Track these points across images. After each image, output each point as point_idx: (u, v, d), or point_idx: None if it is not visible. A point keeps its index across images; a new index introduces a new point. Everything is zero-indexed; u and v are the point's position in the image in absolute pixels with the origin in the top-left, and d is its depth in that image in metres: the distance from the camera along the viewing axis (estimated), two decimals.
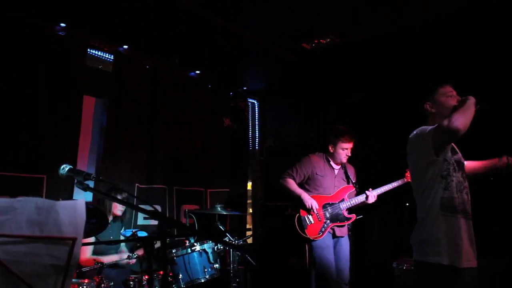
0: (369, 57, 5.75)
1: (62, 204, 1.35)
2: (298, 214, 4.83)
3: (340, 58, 5.85)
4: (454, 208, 2.85)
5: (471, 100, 2.88)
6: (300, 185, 4.97)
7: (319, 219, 4.79)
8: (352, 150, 4.93)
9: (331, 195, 4.91)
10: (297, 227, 4.79)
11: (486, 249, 3.88)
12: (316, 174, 4.95)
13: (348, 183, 5.03)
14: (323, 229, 4.77)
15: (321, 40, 5.47)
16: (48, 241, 1.33)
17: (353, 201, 4.88)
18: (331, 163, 5.02)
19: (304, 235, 4.77)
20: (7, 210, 1.26)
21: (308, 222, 4.78)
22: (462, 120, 2.73)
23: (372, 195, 4.84)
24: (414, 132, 3.03)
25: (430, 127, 2.92)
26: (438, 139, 2.84)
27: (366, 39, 5.34)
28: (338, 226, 4.85)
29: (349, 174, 5.05)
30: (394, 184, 4.90)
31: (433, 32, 5.06)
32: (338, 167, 5.06)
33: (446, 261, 2.76)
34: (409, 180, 4.57)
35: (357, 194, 4.96)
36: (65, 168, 2.10)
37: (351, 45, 5.50)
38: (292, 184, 4.94)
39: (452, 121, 2.72)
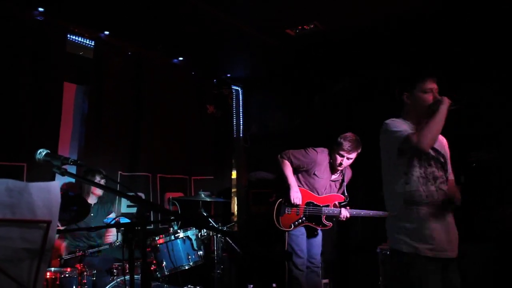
0: (354, 44, 5.72)
1: (35, 186, 1.31)
2: (280, 200, 4.81)
3: (324, 46, 5.82)
4: (417, 201, 2.86)
5: (444, 106, 2.82)
6: (295, 170, 4.89)
7: (297, 213, 4.78)
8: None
9: (319, 197, 4.88)
10: (275, 212, 4.78)
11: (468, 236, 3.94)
12: (314, 174, 4.87)
13: (340, 191, 4.98)
14: (296, 223, 4.78)
15: (305, 26, 5.43)
16: (21, 224, 1.29)
17: (331, 211, 4.82)
18: (333, 165, 4.87)
19: (277, 223, 4.77)
20: None
21: (286, 211, 4.77)
22: (429, 140, 2.75)
23: (345, 214, 4.76)
24: (384, 126, 3.02)
25: (399, 129, 2.91)
26: (404, 150, 2.87)
27: (351, 26, 5.31)
28: (311, 227, 4.87)
29: (344, 180, 4.99)
30: (372, 213, 4.77)
31: (421, 20, 5.03)
32: (338, 172, 4.96)
33: (413, 249, 2.78)
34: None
35: (345, 205, 4.89)
36: (41, 152, 2.04)
37: (335, 32, 5.47)
38: (288, 168, 4.84)
39: (421, 141, 2.74)
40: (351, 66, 6.05)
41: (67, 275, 3.65)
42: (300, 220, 4.78)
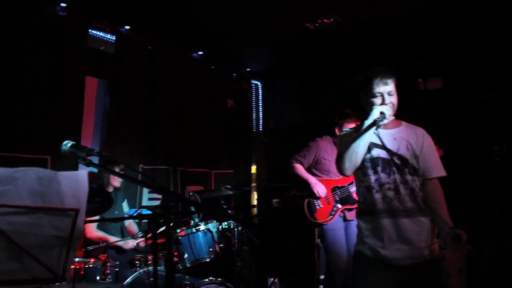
0: (373, 37, 5.68)
1: (63, 174, 1.34)
2: (307, 199, 4.80)
3: (343, 39, 5.78)
4: (362, 210, 2.80)
5: (368, 121, 2.66)
6: (309, 170, 4.91)
7: (329, 202, 4.75)
8: None
9: (339, 179, 4.86)
10: (307, 212, 4.76)
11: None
12: (324, 158, 4.87)
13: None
14: (333, 212, 4.73)
15: (324, 20, 5.40)
16: (51, 212, 1.32)
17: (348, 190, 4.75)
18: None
19: (313, 219, 4.73)
20: (8, 180, 1.25)
21: (317, 206, 4.75)
22: (349, 165, 2.66)
23: None
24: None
25: (340, 148, 2.80)
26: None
27: (370, 19, 5.27)
28: (348, 210, 4.81)
29: None
30: None
31: (441, 11, 4.98)
32: None
33: (369, 253, 2.71)
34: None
35: None
36: (67, 144, 2.08)
37: (355, 25, 5.44)
38: (300, 169, 4.88)
39: (340, 168, 2.72)
40: (370, 60, 5.99)
41: (91, 265, 3.70)
42: (335, 208, 4.74)
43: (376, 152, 2.74)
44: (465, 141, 5.18)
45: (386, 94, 2.67)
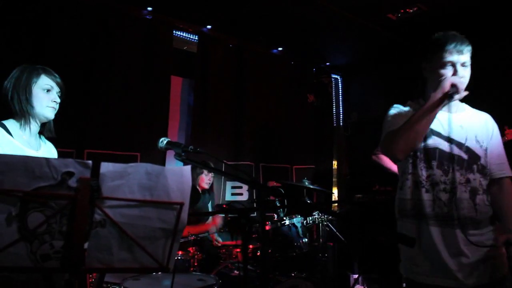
0: (459, 24, 5.40)
1: (170, 170, 1.40)
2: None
3: (428, 28, 5.55)
4: (406, 211, 2.22)
5: (436, 94, 2.07)
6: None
7: None
8: None
9: None
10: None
11: None
12: None
13: None
14: None
15: (407, 10, 5.23)
16: (158, 205, 1.39)
17: None
18: None
19: None
20: (122, 175, 1.33)
21: None
22: (402, 146, 2.08)
23: None
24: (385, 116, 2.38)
25: (391, 125, 2.24)
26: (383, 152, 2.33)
27: (456, 5, 5.03)
28: None
29: None
30: None
31: None
32: None
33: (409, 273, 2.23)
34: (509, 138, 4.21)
35: None
36: (163, 141, 2.17)
37: (439, 12, 5.21)
38: (386, 160, 4.75)
39: (390, 148, 2.12)
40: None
41: (180, 257, 3.84)
42: None
43: (433, 142, 2.18)
44: None
45: (459, 65, 2.14)
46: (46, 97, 2.25)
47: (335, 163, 7.19)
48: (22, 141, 2.19)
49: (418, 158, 2.19)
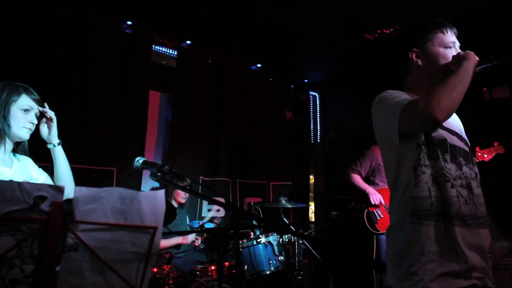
0: None
1: (143, 194, 1.40)
2: (366, 210, 4.75)
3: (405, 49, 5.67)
4: (424, 212, 1.85)
5: (470, 63, 1.88)
6: (366, 179, 4.87)
7: (389, 211, 4.68)
8: None
9: None
10: (367, 223, 4.72)
11: None
12: (380, 165, 4.83)
13: None
14: None
15: (384, 30, 5.35)
16: (131, 229, 1.39)
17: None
18: None
19: (375, 230, 4.68)
20: (95, 199, 1.32)
21: (378, 217, 4.70)
22: (445, 105, 1.74)
23: None
24: (377, 98, 2.04)
25: (398, 97, 1.92)
26: (408, 125, 1.83)
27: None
28: None
29: None
30: None
31: (505, 12, 4.80)
32: None
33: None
34: (480, 159, 4.29)
35: None
36: (139, 160, 2.16)
37: None
38: (357, 179, 4.86)
39: (432, 105, 1.73)
40: None
41: (157, 275, 3.81)
42: None
43: (437, 133, 1.94)
44: None
45: (457, 47, 2.06)
46: (23, 117, 2.22)
47: (312, 178, 7.24)
48: None
49: (430, 149, 1.91)
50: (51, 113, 2.31)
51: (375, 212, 4.70)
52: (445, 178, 1.88)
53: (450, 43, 2.02)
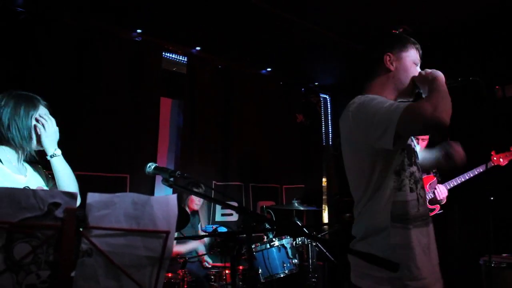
0: (444, 45, 5.52)
1: (155, 199, 1.42)
2: None
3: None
4: (406, 215, 1.94)
5: (440, 81, 1.95)
6: None
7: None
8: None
9: None
10: None
11: None
12: None
13: (428, 173, 4.80)
14: None
15: (393, 31, 5.32)
16: (144, 234, 1.41)
17: (429, 195, 4.54)
18: None
19: None
20: (108, 205, 1.34)
21: None
22: (449, 113, 1.79)
23: (440, 191, 4.44)
24: (356, 103, 2.08)
25: (385, 101, 1.95)
26: (411, 128, 1.87)
27: (441, 27, 5.14)
28: None
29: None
30: (471, 174, 4.35)
31: None
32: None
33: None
34: (496, 163, 4.24)
35: (439, 182, 4.67)
36: (151, 166, 2.18)
37: (425, 34, 5.31)
38: None
39: (440, 110, 1.76)
40: (443, 68, 5.83)
41: (171, 280, 3.83)
42: None
43: None
44: None
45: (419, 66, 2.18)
46: None
47: (324, 181, 7.22)
48: (11, 167, 2.19)
49: (408, 154, 2.02)
50: (39, 126, 2.29)
51: None
52: (416, 181, 2.01)
53: (418, 61, 2.16)
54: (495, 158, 4.30)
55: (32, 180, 2.29)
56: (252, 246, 4.17)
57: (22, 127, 2.20)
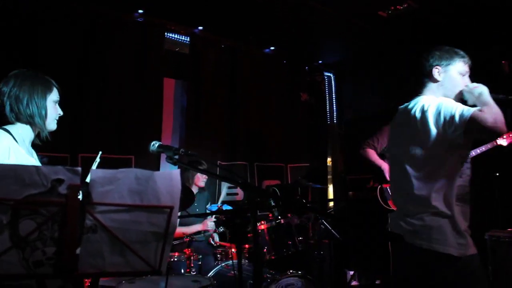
0: (451, 22, 5.44)
1: (159, 174, 1.42)
2: (380, 186, 4.73)
3: (418, 25, 5.59)
4: (463, 196, 2.61)
5: (487, 94, 2.35)
6: (381, 155, 4.83)
7: None
8: None
9: None
10: (380, 199, 4.70)
11: None
12: None
13: None
14: None
15: (397, 6, 5.25)
16: (148, 210, 1.41)
17: None
18: None
19: (387, 206, 4.67)
20: (111, 181, 1.35)
21: (391, 193, 4.67)
22: (504, 122, 2.19)
23: None
24: (427, 105, 2.39)
25: (457, 104, 2.33)
26: (475, 131, 2.24)
27: (446, 2, 5.06)
28: None
29: None
30: (473, 153, 4.23)
31: None
32: None
33: (456, 252, 2.35)
34: (497, 144, 4.20)
35: None
36: (155, 144, 2.20)
37: (430, 9, 5.24)
38: (373, 155, 4.80)
39: (498, 121, 2.17)
40: (449, 44, 5.76)
41: (175, 259, 3.85)
42: None
43: None
44: None
45: (468, 75, 2.57)
46: (55, 110, 2.30)
47: (329, 160, 7.22)
48: (25, 148, 2.20)
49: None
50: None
51: (389, 189, 4.67)
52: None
53: (465, 72, 2.53)
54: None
55: (38, 162, 2.30)
56: (258, 224, 4.19)
57: (40, 106, 2.22)
